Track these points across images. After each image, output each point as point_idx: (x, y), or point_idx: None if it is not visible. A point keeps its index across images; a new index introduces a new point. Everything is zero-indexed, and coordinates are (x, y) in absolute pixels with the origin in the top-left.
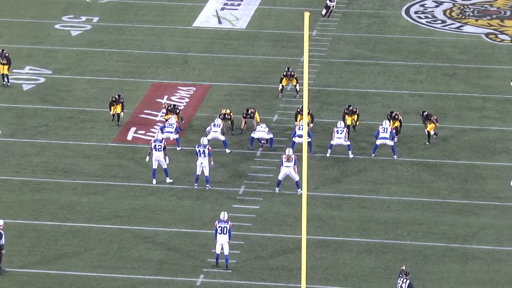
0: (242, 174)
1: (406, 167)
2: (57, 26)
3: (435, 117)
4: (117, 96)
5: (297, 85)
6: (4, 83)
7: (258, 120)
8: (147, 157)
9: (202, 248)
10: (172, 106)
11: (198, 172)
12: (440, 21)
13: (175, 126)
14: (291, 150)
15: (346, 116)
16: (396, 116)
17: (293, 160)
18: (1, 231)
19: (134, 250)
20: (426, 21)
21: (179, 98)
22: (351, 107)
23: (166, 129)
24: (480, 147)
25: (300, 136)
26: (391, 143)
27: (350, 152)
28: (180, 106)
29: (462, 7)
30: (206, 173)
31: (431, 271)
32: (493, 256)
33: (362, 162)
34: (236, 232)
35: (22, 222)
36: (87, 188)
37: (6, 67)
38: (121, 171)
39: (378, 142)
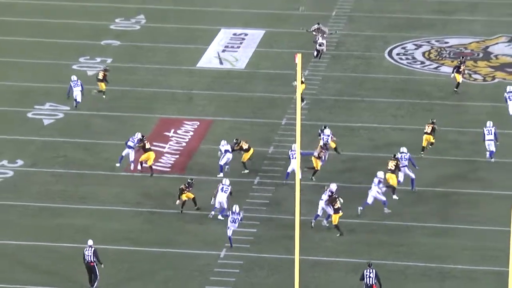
0: (240, 199)
1: (388, 195)
2: (74, 67)
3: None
4: (189, 180)
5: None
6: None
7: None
8: (212, 199)
9: (205, 267)
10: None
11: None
12: (419, 62)
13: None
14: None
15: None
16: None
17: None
18: (94, 247)
19: (143, 269)
20: (407, 62)
21: (184, 132)
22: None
23: (129, 143)
24: (455, 176)
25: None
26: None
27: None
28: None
29: (439, 50)
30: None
31: None
32: (469, 275)
33: (349, 190)
34: (235, 253)
35: (43, 244)
36: (101, 213)
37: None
38: (132, 198)
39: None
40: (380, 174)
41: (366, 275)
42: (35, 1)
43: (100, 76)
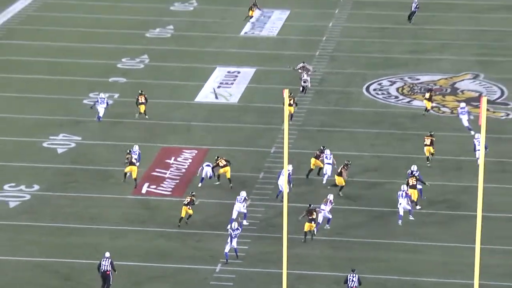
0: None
1: (367, 216)
2: (85, 101)
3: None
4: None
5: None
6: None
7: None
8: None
9: (203, 281)
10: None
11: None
12: (393, 97)
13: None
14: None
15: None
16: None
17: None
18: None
19: (147, 282)
20: (383, 97)
21: (183, 159)
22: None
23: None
24: (427, 199)
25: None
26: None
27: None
28: None
29: (411, 86)
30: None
31: None
32: (439, 287)
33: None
34: (229, 268)
35: (57, 260)
36: (109, 232)
37: (143, 106)
38: (137, 218)
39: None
40: (404, 187)
41: (350, 279)
42: (51, 42)
43: (143, 100)
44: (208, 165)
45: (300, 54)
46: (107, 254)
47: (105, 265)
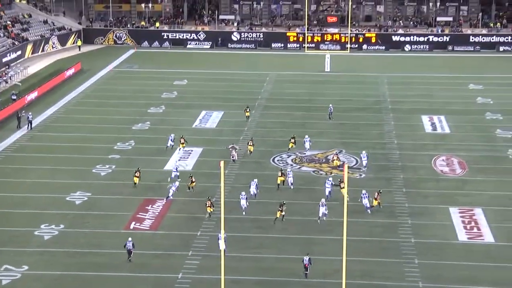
0: (189, 245)
1: (276, 239)
2: (93, 171)
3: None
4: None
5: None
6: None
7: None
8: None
9: (170, 283)
10: None
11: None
12: (290, 165)
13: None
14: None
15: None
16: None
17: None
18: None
19: (136, 286)
20: (283, 165)
21: (157, 206)
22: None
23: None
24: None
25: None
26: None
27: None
28: None
29: (301, 157)
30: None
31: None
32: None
33: (235, 238)
34: (187, 275)
35: (76, 273)
36: (111, 254)
37: (183, 144)
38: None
39: (364, 162)
40: (330, 179)
41: (305, 259)
42: (72, 134)
43: (183, 141)
44: (174, 186)
45: (230, 139)
46: (130, 239)
47: (129, 246)
